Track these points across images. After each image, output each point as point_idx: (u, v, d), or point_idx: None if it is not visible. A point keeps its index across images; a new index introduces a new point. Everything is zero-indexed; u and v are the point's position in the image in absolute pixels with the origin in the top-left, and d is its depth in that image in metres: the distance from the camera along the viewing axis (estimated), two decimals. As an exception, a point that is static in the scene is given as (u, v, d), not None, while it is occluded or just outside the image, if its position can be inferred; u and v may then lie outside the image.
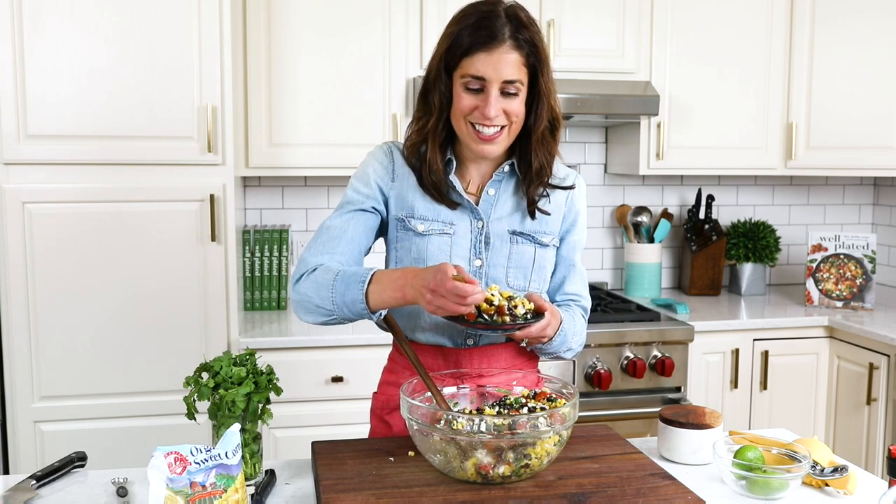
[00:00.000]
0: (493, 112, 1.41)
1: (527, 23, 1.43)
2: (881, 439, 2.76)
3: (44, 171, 2.38)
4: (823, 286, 3.18)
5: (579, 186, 1.61)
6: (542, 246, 1.56)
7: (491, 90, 1.41)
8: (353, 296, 1.38)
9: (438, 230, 1.52)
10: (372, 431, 1.66)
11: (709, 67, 3.09)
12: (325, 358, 2.60)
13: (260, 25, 2.73)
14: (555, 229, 1.58)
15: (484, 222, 1.53)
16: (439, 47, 1.48)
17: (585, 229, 1.64)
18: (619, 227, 3.48)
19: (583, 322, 1.62)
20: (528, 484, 1.29)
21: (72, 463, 1.46)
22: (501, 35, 1.40)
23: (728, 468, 1.37)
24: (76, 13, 2.34)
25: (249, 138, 2.76)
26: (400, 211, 1.54)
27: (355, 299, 1.38)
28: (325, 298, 1.41)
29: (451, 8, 2.81)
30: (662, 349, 2.77)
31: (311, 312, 1.45)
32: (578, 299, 1.63)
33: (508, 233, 1.54)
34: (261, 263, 2.97)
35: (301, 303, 1.46)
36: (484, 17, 1.42)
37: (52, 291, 2.41)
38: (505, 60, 1.40)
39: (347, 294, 1.39)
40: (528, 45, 1.42)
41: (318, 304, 1.43)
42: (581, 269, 1.64)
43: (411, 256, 1.54)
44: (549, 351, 1.55)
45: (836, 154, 3.14)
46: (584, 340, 1.62)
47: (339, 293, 1.40)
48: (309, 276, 1.45)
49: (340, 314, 1.41)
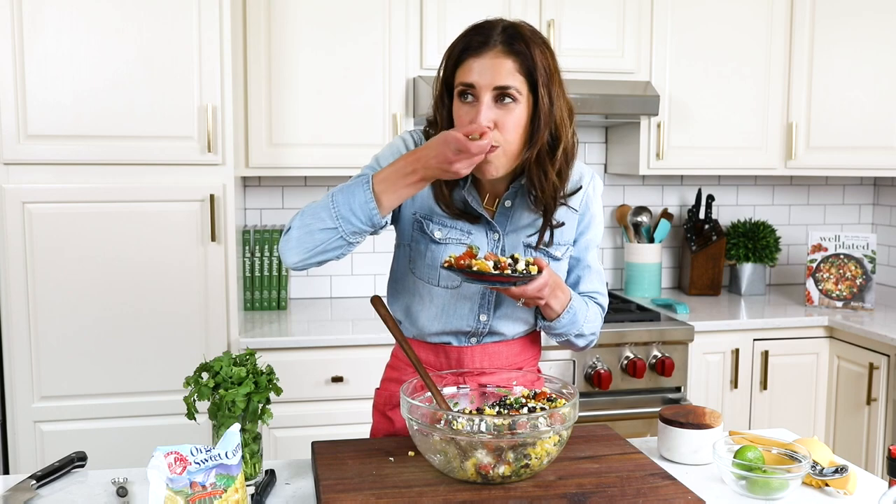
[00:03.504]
0: (483, 119, 1.33)
1: (526, 35, 1.38)
2: (881, 439, 2.76)
3: (44, 171, 2.38)
4: (823, 286, 3.18)
5: (595, 187, 1.56)
6: (555, 260, 1.54)
7: (482, 97, 1.35)
8: (360, 198, 1.33)
9: (456, 239, 1.50)
10: (374, 427, 1.66)
11: (709, 67, 3.09)
12: (325, 358, 2.60)
13: (260, 25, 2.73)
14: (569, 238, 1.55)
15: (500, 234, 1.51)
16: (440, 64, 1.45)
17: (601, 228, 1.60)
18: (619, 227, 3.48)
19: (597, 312, 1.59)
20: (528, 484, 1.29)
21: (72, 463, 1.46)
22: (493, 42, 1.36)
23: (728, 468, 1.37)
24: (76, 13, 2.34)
25: (249, 138, 2.76)
26: (419, 209, 1.51)
27: (363, 201, 1.33)
28: (323, 218, 1.36)
29: (451, 8, 2.83)
30: (662, 349, 2.77)
31: (304, 243, 1.37)
32: (595, 296, 1.62)
33: (523, 246, 1.52)
34: (261, 263, 2.97)
35: (297, 234, 1.38)
36: (479, 26, 1.40)
37: (52, 291, 2.41)
38: (495, 65, 1.35)
39: (354, 200, 1.34)
40: (523, 54, 1.35)
41: (320, 228, 1.36)
42: (597, 267, 1.62)
43: (425, 261, 1.52)
44: (559, 330, 1.52)
45: (836, 154, 3.14)
46: (599, 333, 1.59)
47: (341, 204, 1.35)
48: (301, 212, 1.40)
49: (346, 228, 1.34)
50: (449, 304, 1.52)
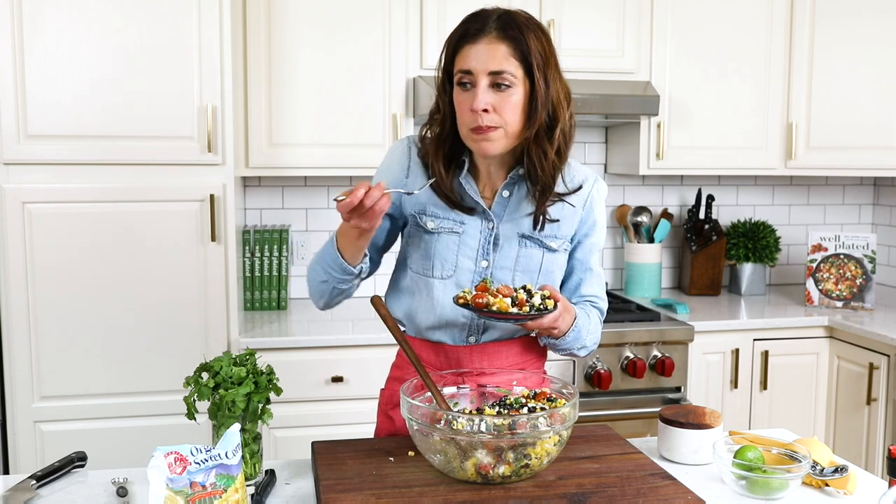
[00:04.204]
0: (479, 103, 1.39)
1: (520, 21, 1.42)
2: (881, 439, 2.76)
3: (44, 171, 2.38)
4: (823, 286, 3.18)
5: (599, 190, 1.59)
6: (550, 251, 1.55)
7: (479, 82, 1.41)
8: (332, 254, 1.50)
9: (448, 229, 1.53)
10: (377, 426, 1.68)
11: (709, 67, 3.09)
12: (325, 358, 2.60)
13: (260, 25, 2.73)
14: (567, 233, 1.57)
15: (494, 224, 1.53)
16: (440, 53, 1.49)
17: (604, 232, 1.63)
18: (619, 227, 3.48)
19: (598, 321, 1.61)
20: (528, 484, 1.29)
21: (72, 463, 1.46)
22: (487, 28, 1.41)
23: (728, 468, 1.37)
24: (76, 13, 2.34)
25: (249, 138, 2.76)
26: (413, 207, 1.55)
27: (334, 256, 1.49)
28: (318, 272, 1.54)
29: (451, 8, 2.83)
30: (662, 349, 2.77)
31: (316, 293, 1.58)
32: (595, 301, 1.63)
33: (518, 235, 1.53)
34: (261, 263, 2.97)
35: (310, 285, 1.59)
36: (476, 14, 1.45)
37: (52, 291, 2.41)
38: (489, 50, 1.40)
39: (327, 255, 1.51)
40: (516, 39, 1.40)
41: (320, 280, 1.54)
42: (598, 271, 1.63)
43: (420, 253, 1.56)
44: (563, 347, 1.55)
45: (836, 154, 3.14)
46: (599, 339, 1.62)
47: (323, 261, 1.52)
48: (310, 264, 1.59)
49: (334, 277, 1.51)
50: (443, 294, 1.54)
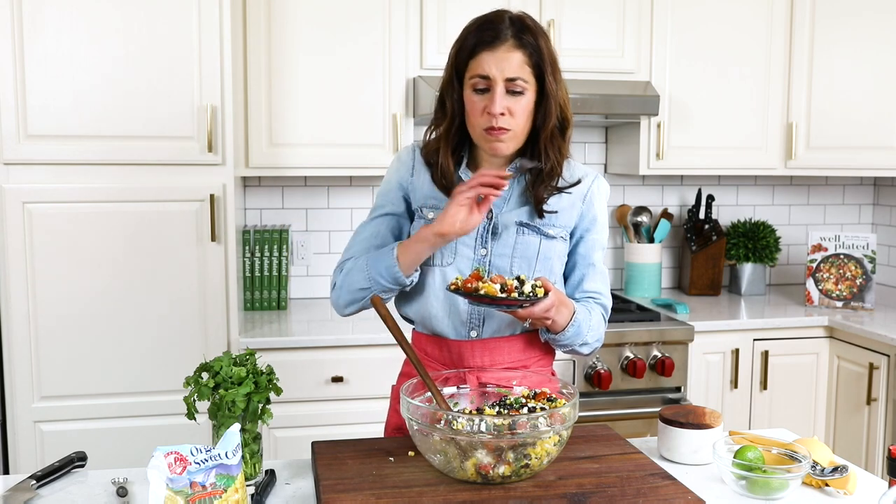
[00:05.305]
0: (497, 107, 1.47)
1: (531, 27, 1.50)
2: (881, 439, 2.76)
3: (44, 171, 2.38)
4: (823, 286, 3.18)
5: (599, 187, 1.64)
6: (547, 238, 1.58)
7: (496, 88, 1.48)
8: (387, 262, 1.53)
9: None
10: (387, 420, 1.71)
11: (709, 67, 3.09)
12: (325, 358, 2.60)
13: (260, 25, 2.73)
14: (565, 223, 1.60)
15: (493, 214, 1.57)
16: (450, 55, 1.56)
17: (606, 230, 1.66)
18: (619, 226, 3.48)
19: (600, 317, 1.62)
20: (528, 484, 1.29)
21: (72, 463, 1.46)
22: (504, 35, 1.49)
23: (728, 468, 1.37)
24: (76, 13, 2.34)
25: (249, 138, 2.76)
26: (417, 202, 1.62)
27: (389, 265, 1.53)
28: (359, 279, 1.56)
29: (451, 8, 2.83)
30: (662, 349, 2.77)
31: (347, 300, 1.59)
32: (598, 297, 1.64)
33: (516, 224, 1.57)
34: (261, 263, 2.97)
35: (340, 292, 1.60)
36: (489, 21, 1.52)
37: (52, 291, 2.41)
38: (507, 58, 1.48)
39: (380, 263, 1.54)
40: (531, 46, 1.49)
41: (359, 288, 1.57)
42: (601, 268, 1.65)
43: None
44: (564, 342, 1.56)
45: (836, 154, 3.14)
46: (602, 337, 1.63)
47: (372, 268, 1.55)
48: (342, 271, 1.61)
49: (381, 285, 1.54)
50: (443, 281, 1.57)
